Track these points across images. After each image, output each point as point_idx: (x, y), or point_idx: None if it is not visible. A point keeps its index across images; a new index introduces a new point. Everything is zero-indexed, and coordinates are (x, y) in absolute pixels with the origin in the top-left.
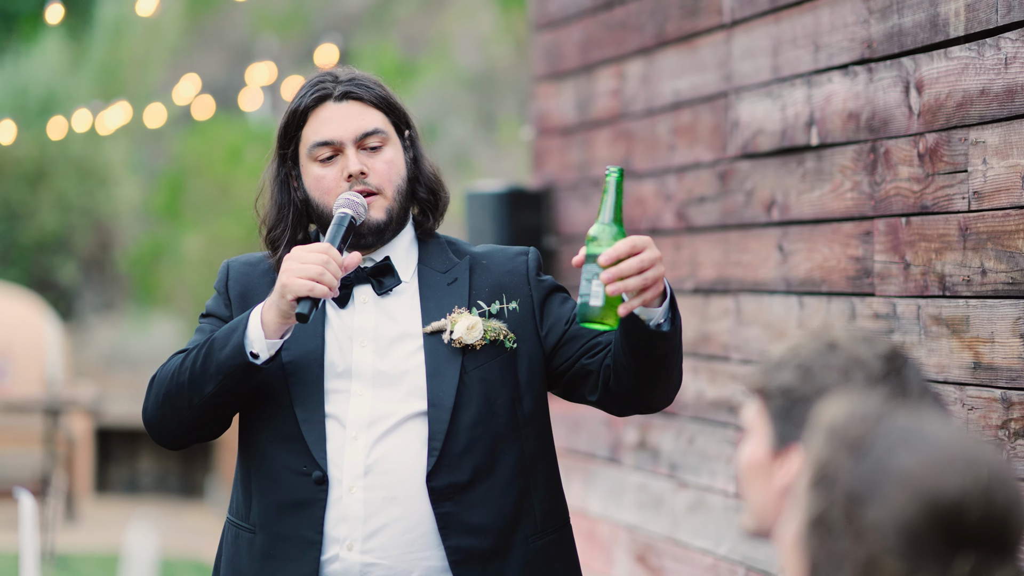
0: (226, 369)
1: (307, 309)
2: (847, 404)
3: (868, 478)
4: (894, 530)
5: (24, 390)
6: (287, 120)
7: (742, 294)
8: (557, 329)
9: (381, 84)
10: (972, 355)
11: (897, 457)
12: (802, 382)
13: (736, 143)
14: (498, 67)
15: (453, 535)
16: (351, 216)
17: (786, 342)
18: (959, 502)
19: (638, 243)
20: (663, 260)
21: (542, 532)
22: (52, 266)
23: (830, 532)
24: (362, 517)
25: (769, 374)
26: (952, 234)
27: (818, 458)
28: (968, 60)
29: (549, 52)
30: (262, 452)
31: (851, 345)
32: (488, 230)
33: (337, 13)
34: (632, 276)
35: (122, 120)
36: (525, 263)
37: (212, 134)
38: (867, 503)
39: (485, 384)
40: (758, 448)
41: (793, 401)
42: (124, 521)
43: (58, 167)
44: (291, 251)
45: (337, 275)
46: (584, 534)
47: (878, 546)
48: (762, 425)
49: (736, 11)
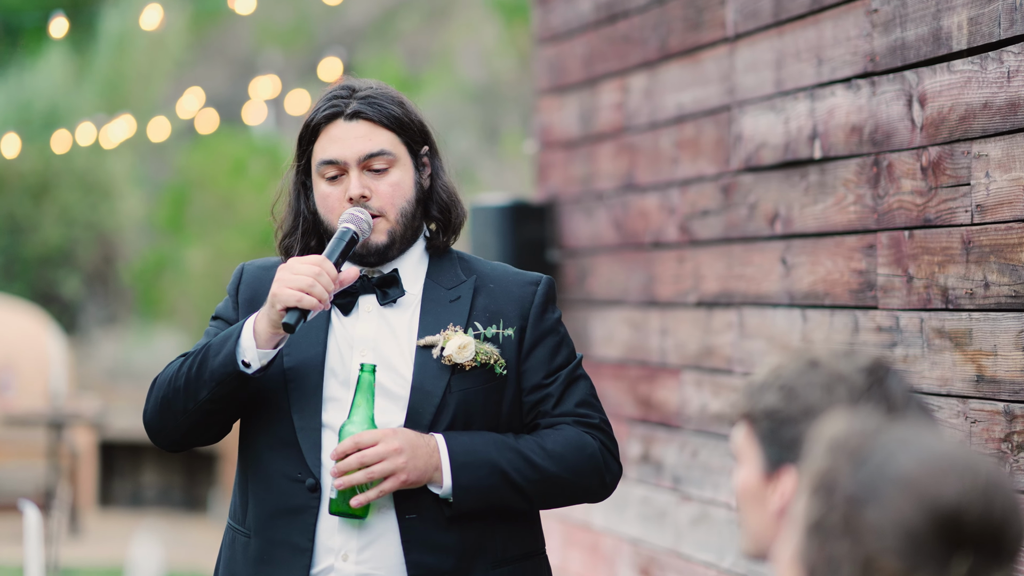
0: (218, 377)
1: (294, 320)
2: (846, 419)
3: (867, 483)
4: (893, 531)
5: (28, 403)
6: (302, 132)
7: (745, 307)
8: (530, 377)
9: (400, 101)
10: (975, 368)
11: (896, 462)
12: (786, 403)
13: (739, 156)
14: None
15: (415, 550)
16: (353, 232)
17: (767, 363)
18: (957, 504)
19: (363, 439)
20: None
21: (502, 561)
22: (56, 280)
23: (828, 536)
24: (357, 527)
25: (753, 398)
26: (955, 247)
27: (818, 468)
28: (971, 74)
29: (553, 65)
30: (259, 457)
31: (832, 361)
32: (491, 243)
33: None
34: (356, 471)
35: (126, 134)
36: (533, 294)
37: (216, 148)
38: (866, 506)
39: (466, 407)
40: (750, 473)
41: (779, 423)
42: (128, 534)
43: (62, 180)
44: (287, 261)
45: (329, 288)
46: (587, 547)
47: (876, 546)
48: (751, 450)
49: (739, 25)
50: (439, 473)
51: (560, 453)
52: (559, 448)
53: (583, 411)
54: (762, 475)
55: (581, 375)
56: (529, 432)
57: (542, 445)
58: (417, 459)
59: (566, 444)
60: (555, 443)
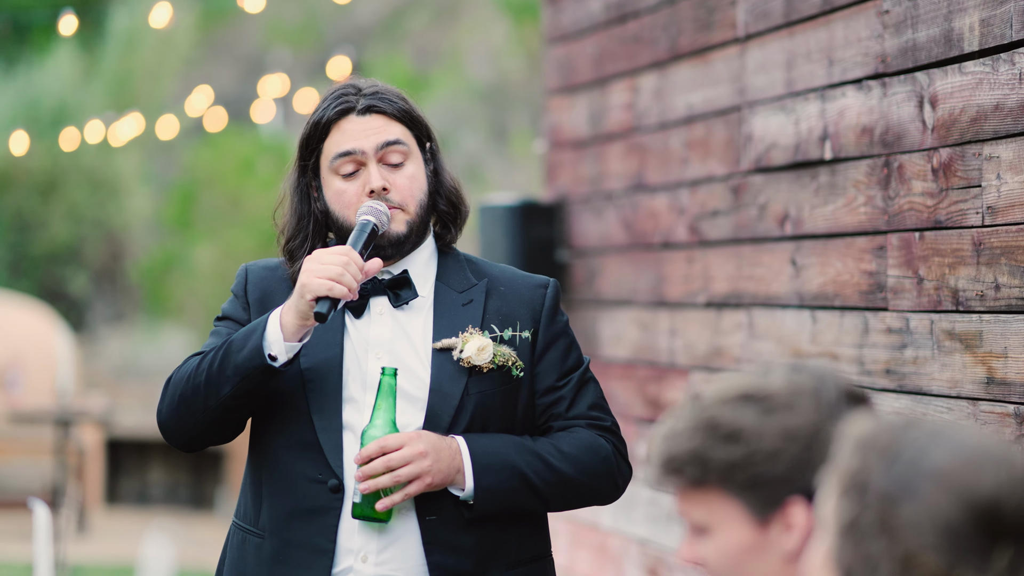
0: (244, 371)
1: (326, 309)
2: (872, 419)
3: (901, 479)
4: (931, 526)
5: (35, 401)
6: (309, 131)
7: (755, 308)
8: (543, 380)
9: (404, 97)
10: (985, 370)
11: (929, 456)
12: (751, 442)
13: (749, 157)
14: (511, 80)
15: (436, 552)
16: (374, 223)
17: (668, 428)
18: (995, 495)
19: (388, 443)
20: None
21: (516, 563)
22: (63, 277)
23: (864, 536)
24: (377, 528)
25: (699, 461)
26: (966, 249)
27: (847, 468)
28: (982, 75)
29: (562, 65)
30: (276, 458)
31: (755, 387)
32: (500, 243)
33: (350, 25)
34: (382, 475)
35: (134, 132)
36: (543, 297)
37: (224, 146)
38: (901, 503)
39: (483, 409)
40: (734, 534)
41: (754, 465)
42: (135, 532)
43: (70, 178)
44: (312, 253)
45: (357, 277)
46: (595, 548)
47: (915, 543)
48: (728, 509)
49: (750, 25)
50: (461, 475)
51: (576, 456)
52: (575, 451)
53: (595, 414)
54: (753, 527)
55: (591, 378)
56: (542, 434)
57: (559, 448)
58: (441, 462)
59: (581, 447)
60: (571, 446)
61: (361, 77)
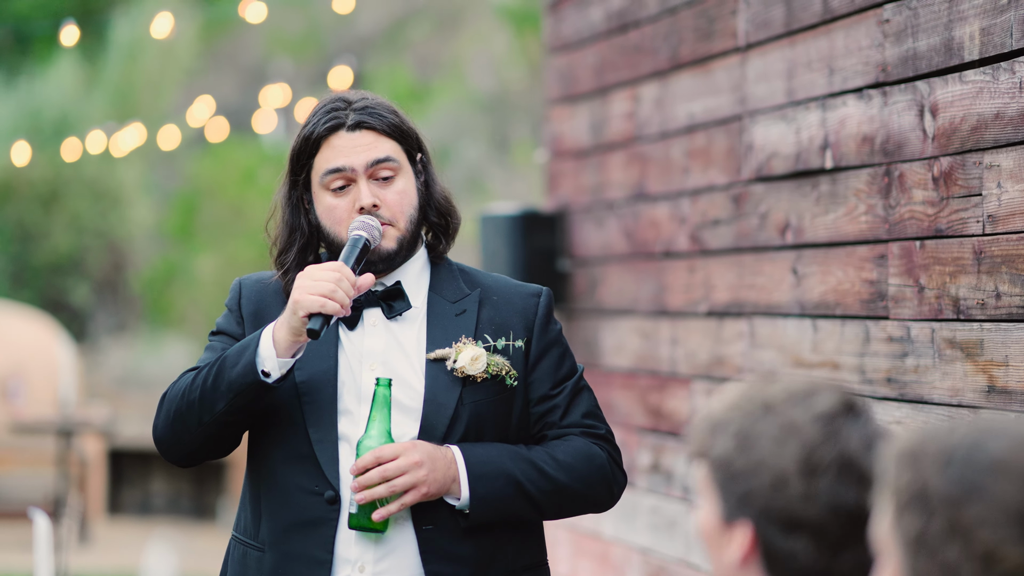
0: (237, 387)
1: (319, 325)
2: (910, 432)
3: (961, 479)
4: (1004, 519)
5: (37, 411)
6: (299, 146)
7: (756, 317)
8: (537, 389)
9: (394, 110)
10: (986, 379)
11: (984, 451)
12: (738, 453)
13: (750, 166)
14: (512, 90)
15: (434, 561)
16: (366, 239)
17: (725, 395)
18: None
19: (384, 453)
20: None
21: (512, 571)
22: (65, 288)
23: (936, 546)
24: (374, 539)
25: (709, 440)
26: (967, 258)
27: (900, 484)
28: (983, 84)
29: (563, 75)
30: (273, 471)
31: (787, 407)
32: (502, 253)
33: (351, 36)
34: (378, 485)
35: (136, 142)
36: (536, 306)
37: (226, 156)
38: (967, 503)
39: (478, 419)
40: (710, 514)
41: (732, 476)
42: (137, 542)
43: (72, 189)
44: (304, 269)
45: (349, 293)
46: (597, 556)
47: (992, 539)
48: (710, 492)
49: (751, 34)
50: (456, 485)
51: (571, 464)
52: (570, 459)
53: (589, 422)
54: (720, 520)
55: (585, 386)
56: (537, 443)
57: (553, 456)
58: (436, 471)
59: (576, 455)
60: (565, 454)
61: (350, 89)
